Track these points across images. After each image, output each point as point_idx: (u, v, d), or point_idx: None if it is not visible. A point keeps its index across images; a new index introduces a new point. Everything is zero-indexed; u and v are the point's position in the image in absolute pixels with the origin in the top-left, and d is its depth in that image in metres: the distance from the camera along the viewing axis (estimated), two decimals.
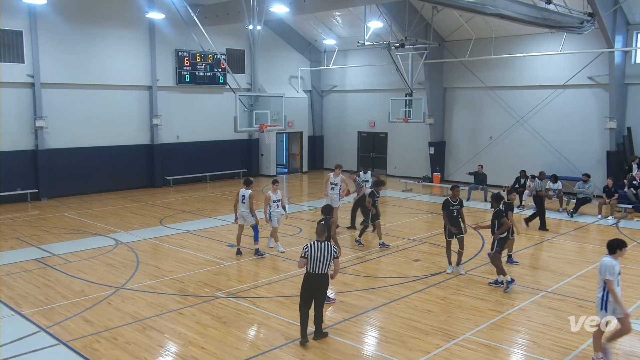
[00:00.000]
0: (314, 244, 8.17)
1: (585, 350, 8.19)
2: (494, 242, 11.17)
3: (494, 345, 8.44)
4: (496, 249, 11.11)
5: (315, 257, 8.09)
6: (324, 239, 8.23)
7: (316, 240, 8.24)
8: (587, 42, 20.59)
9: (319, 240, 8.21)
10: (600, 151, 21.49)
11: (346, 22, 26.80)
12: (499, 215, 11.07)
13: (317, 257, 8.09)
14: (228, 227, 15.92)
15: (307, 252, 8.12)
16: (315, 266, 8.11)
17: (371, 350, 8.42)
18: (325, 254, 8.10)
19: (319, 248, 8.11)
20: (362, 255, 13.56)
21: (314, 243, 8.18)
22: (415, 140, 27.19)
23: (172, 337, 8.73)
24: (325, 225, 8.42)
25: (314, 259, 8.09)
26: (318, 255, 8.08)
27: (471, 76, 24.89)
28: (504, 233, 11.11)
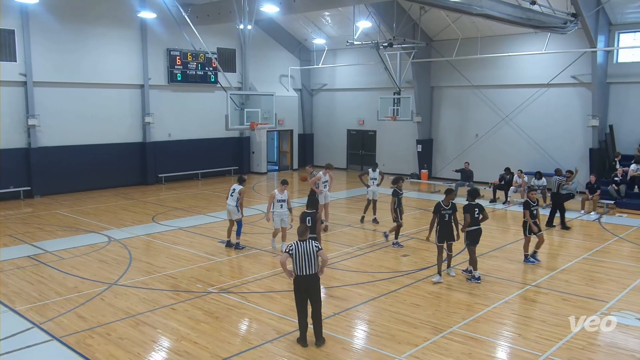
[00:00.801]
0: (297, 243, 7.98)
1: (569, 342, 8.27)
2: (465, 235, 11.35)
3: (480, 337, 8.50)
4: (467, 242, 11.33)
5: (300, 257, 7.90)
6: (306, 238, 8.05)
7: (298, 240, 8.03)
8: (570, 42, 20.73)
9: (301, 239, 8.01)
10: (583, 148, 21.66)
11: (335, 21, 26.79)
12: (468, 209, 11.19)
13: (301, 257, 7.90)
14: (220, 224, 15.88)
15: (291, 249, 7.95)
16: (302, 266, 7.91)
17: (360, 343, 8.44)
18: (308, 251, 7.90)
19: (302, 247, 7.93)
20: (352, 250, 13.59)
21: (297, 242, 8.00)
22: (403, 138, 27.25)
23: (164, 332, 8.71)
24: (305, 226, 8.23)
25: (299, 259, 7.90)
26: (302, 254, 7.89)
27: (458, 75, 24.98)
28: (473, 227, 11.20)
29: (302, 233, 8.08)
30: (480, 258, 12.69)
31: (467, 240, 11.35)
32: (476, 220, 11.21)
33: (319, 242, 9.21)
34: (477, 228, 11.31)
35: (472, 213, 11.17)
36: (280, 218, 13.11)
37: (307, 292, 8.03)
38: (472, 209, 11.20)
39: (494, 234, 15.83)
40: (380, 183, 16.63)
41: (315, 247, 7.99)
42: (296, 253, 7.91)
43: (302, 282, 7.99)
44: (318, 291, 8.15)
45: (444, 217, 11.20)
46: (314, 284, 8.05)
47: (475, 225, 11.26)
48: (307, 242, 7.98)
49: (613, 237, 15.10)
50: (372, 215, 16.60)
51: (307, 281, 7.98)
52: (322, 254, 8.06)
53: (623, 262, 12.77)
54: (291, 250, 7.94)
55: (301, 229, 8.15)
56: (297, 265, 7.93)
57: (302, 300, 8.06)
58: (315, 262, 7.96)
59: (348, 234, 15.54)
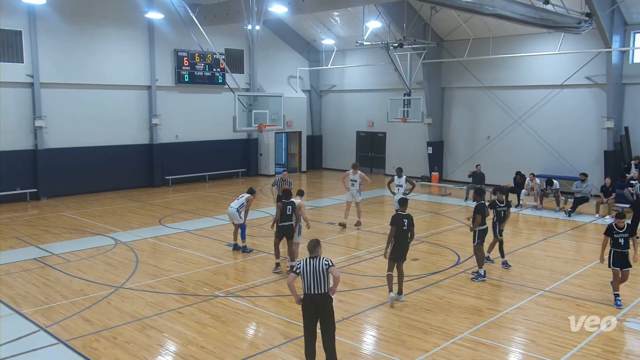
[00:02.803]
0: (306, 261, 7.28)
1: (583, 349, 8.21)
2: (474, 234, 11.51)
3: (492, 344, 8.46)
4: (477, 241, 11.45)
5: (308, 275, 7.19)
6: (317, 255, 7.32)
7: (308, 257, 7.34)
8: (584, 42, 20.62)
9: (311, 256, 7.31)
10: (598, 151, 21.51)
11: (345, 22, 26.80)
12: (479, 208, 11.42)
13: (309, 275, 7.18)
14: (227, 227, 15.90)
15: (300, 268, 7.26)
16: (310, 285, 7.19)
17: (370, 349, 8.43)
18: (318, 270, 7.16)
19: (311, 265, 7.21)
20: (361, 254, 13.57)
21: (306, 260, 7.30)
22: (413, 140, 27.19)
23: (171, 336, 8.74)
24: (316, 241, 7.50)
25: (307, 277, 7.19)
26: (310, 273, 7.18)
27: (469, 76, 24.90)
28: (483, 225, 11.45)
29: (312, 249, 7.39)
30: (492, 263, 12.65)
31: (479, 239, 11.49)
32: (483, 220, 11.52)
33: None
34: (486, 227, 11.59)
35: (482, 213, 11.39)
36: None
37: (317, 312, 7.26)
38: (483, 209, 11.46)
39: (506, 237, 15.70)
40: (409, 192, 15.89)
41: (326, 264, 7.20)
42: (304, 271, 7.22)
43: (311, 301, 7.23)
44: (330, 313, 7.33)
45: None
46: (325, 304, 7.26)
47: (484, 225, 11.51)
48: (317, 260, 7.24)
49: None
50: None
51: (316, 301, 7.21)
52: (333, 271, 7.19)
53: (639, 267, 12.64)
54: (299, 269, 7.27)
55: (311, 245, 7.45)
56: (305, 284, 7.24)
57: (310, 322, 7.30)
58: (325, 281, 7.20)
59: (358, 237, 15.52)
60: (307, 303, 7.27)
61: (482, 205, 11.53)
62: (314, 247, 7.41)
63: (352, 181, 16.50)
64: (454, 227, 16.58)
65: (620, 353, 8.16)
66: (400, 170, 16.15)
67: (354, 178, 16.50)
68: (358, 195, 16.56)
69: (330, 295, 7.27)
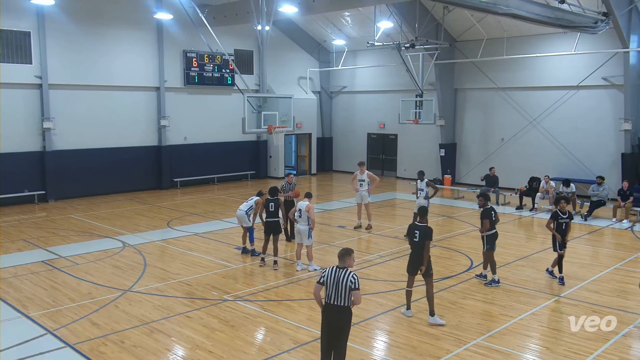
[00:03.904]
0: (331, 269, 6.99)
1: (600, 356, 8.13)
2: (483, 240, 11.43)
3: (505, 350, 8.40)
4: (487, 246, 11.37)
5: (330, 285, 6.91)
6: (345, 266, 6.99)
7: (336, 266, 7.01)
8: (601, 42, 20.48)
9: (340, 266, 6.99)
10: (615, 153, 21.34)
11: (356, 22, 26.81)
12: (485, 213, 11.32)
13: (332, 285, 6.89)
14: (236, 230, 15.93)
15: (324, 277, 6.99)
16: (331, 295, 6.91)
17: (380, 355, 8.40)
18: (341, 283, 6.83)
19: (335, 275, 6.89)
20: (373, 258, 13.54)
21: (332, 269, 7.00)
22: (425, 142, 27.13)
23: (179, 341, 8.76)
24: (346, 249, 7.18)
25: (329, 287, 6.92)
26: (333, 283, 6.88)
27: (483, 77, 24.81)
28: (492, 230, 11.31)
29: (341, 257, 7.07)
30: (506, 267, 12.60)
31: (488, 245, 11.38)
32: (493, 223, 11.37)
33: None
34: (495, 232, 11.45)
35: (490, 217, 11.29)
36: (297, 233, 12.66)
37: (331, 328, 6.97)
38: (490, 213, 11.35)
39: (520, 242, 15.67)
40: (432, 195, 15.64)
41: (351, 283, 6.82)
42: (328, 280, 6.94)
43: (330, 312, 6.95)
44: (345, 331, 6.99)
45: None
46: (342, 319, 6.93)
47: (493, 229, 11.39)
48: (344, 273, 6.90)
49: None
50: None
51: (335, 313, 6.92)
52: (355, 295, 6.86)
53: None
54: (323, 278, 7.00)
55: (341, 253, 7.12)
56: (326, 290, 6.98)
57: (325, 335, 7.04)
58: (347, 296, 6.87)
59: (369, 241, 15.50)
60: (325, 312, 7.05)
61: (488, 210, 11.38)
62: (343, 255, 7.08)
63: (360, 181, 16.42)
64: (466, 231, 16.50)
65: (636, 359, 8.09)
66: (422, 174, 15.77)
67: (362, 178, 16.42)
68: (367, 196, 16.46)
69: (349, 309, 6.95)
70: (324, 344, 7.10)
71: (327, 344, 7.06)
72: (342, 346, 7.00)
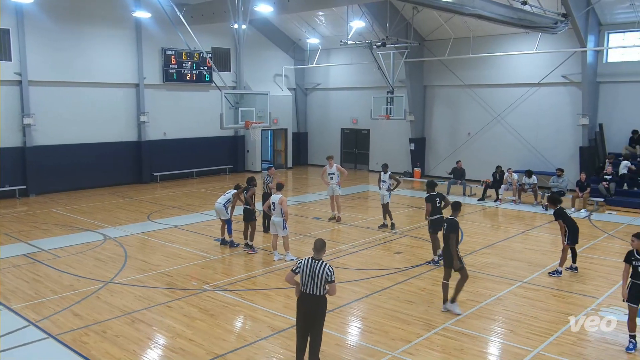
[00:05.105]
0: (307, 260, 6.98)
1: (559, 338, 8.31)
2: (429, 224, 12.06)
3: (472, 334, 8.53)
4: (430, 229, 12.01)
5: (306, 276, 6.92)
6: (320, 257, 7.01)
7: (312, 257, 7.02)
8: (561, 41, 20.82)
9: (315, 258, 6.99)
10: (574, 147, 21.75)
11: (329, 21, 26.76)
12: (429, 199, 12.00)
13: (307, 276, 6.91)
14: (215, 222, 15.81)
15: (300, 267, 6.98)
16: (307, 285, 6.93)
17: (354, 340, 8.46)
18: (317, 274, 6.85)
19: (312, 266, 6.91)
20: (345, 248, 13.59)
21: (307, 260, 6.99)
22: (396, 137, 27.28)
23: (160, 330, 8.69)
24: (323, 241, 7.19)
25: (305, 277, 6.93)
26: (309, 274, 6.89)
27: (450, 74, 25.03)
28: (436, 215, 11.88)
29: (319, 249, 7.05)
30: (472, 255, 12.77)
31: (430, 229, 11.98)
32: (438, 209, 11.98)
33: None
34: (440, 217, 11.86)
35: (433, 202, 11.95)
36: (272, 225, 12.61)
37: (307, 316, 7.01)
38: (434, 199, 12.01)
39: (485, 231, 15.89)
40: (394, 188, 15.67)
41: (327, 276, 6.86)
42: (303, 270, 6.95)
43: (306, 301, 6.98)
44: (320, 319, 7.06)
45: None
46: (317, 307, 6.99)
47: (438, 214, 11.91)
48: (320, 265, 6.90)
49: (603, 234, 15.20)
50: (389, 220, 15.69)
51: (311, 302, 6.95)
52: (332, 287, 6.95)
53: (612, 258, 12.83)
54: (299, 268, 7.00)
55: (319, 245, 7.09)
56: (302, 280, 6.99)
57: (301, 323, 7.09)
58: (322, 285, 6.91)
59: (343, 231, 15.55)
60: (301, 301, 7.07)
61: (432, 196, 12.06)
62: (320, 248, 7.07)
63: (330, 174, 16.51)
64: None
65: (594, 341, 8.28)
66: (386, 167, 15.84)
67: (332, 171, 16.52)
68: (338, 189, 16.54)
69: (324, 297, 7.00)
70: (300, 331, 7.17)
71: (304, 331, 7.13)
72: (318, 333, 7.10)
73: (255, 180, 13.73)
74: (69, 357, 7.78)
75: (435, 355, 7.80)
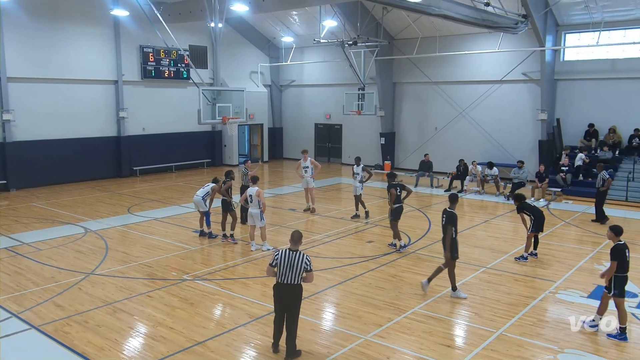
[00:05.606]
0: (284, 252, 7.03)
1: (520, 319, 8.49)
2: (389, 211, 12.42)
3: (440, 317, 8.65)
4: (391, 217, 12.33)
5: (284, 266, 6.97)
6: (297, 249, 7.11)
7: (289, 248, 7.10)
8: (521, 41, 21.12)
9: (292, 249, 7.07)
10: (533, 140, 22.15)
11: (303, 20, 26.64)
12: (389, 187, 12.38)
13: (285, 267, 6.96)
14: (193, 214, 15.68)
15: (277, 259, 7.04)
16: (284, 275, 6.99)
17: (329, 325, 8.50)
18: (295, 264, 6.94)
19: (289, 257, 6.97)
20: (320, 238, 13.62)
21: (285, 251, 7.04)
22: (367, 131, 27.38)
23: (141, 319, 8.59)
24: (300, 233, 7.22)
25: (282, 268, 6.99)
26: (287, 265, 6.96)
27: (418, 72, 25.19)
28: (397, 204, 12.25)
29: (296, 241, 7.14)
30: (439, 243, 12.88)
31: (391, 216, 12.28)
32: (398, 197, 12.27)
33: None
34: (399, 205, 12.28)
35: (395, 190, 12.25)
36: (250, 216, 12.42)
37: (284, 304, 7.11)
38: (395, 188, 12.28)
39: None
40: (366, 180, 15.77)
41: (306, 265, 6.99)
42: (281, 262, 7.01)
43: (282, 291, 7.07)
44: (297, 306, 7.14)
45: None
46: (295, 296, 7.08)
47: (398, 203, 12.24)
48: (297, 255, 7.00)
49: (560, 221, 15.54)
50: (363, 210, 15.84)
51: (287, 290, 7.03)
52: (310, 275, 7.10)
53: (569, 244, 13.16)
54: (276, 260, 7.06)
55: (297, 236, 7.20)
56: (279, 272, 7.05)
57: (278, 308, 7.21)
58: (299, 275, 7.02)
59: (317, 222, 15.57)
60: (277, 290, 7.14)
61: (391, 185, 12.37)
62: (297, 239, 7.16)
63: (304, 168, 16.51)
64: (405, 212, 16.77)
65: (552, 322, 8.49)
66: (359, 160, 15.95)
67: (306, 165, 16.52)
68: (312, 181, 16.58)
69: (300, 285, 7.09)
70: (277, 318, 7.25)
71: (281, 318, 7.21)
72: (294, 319, 7.18)
73: (233, 173, 13.65)
74: (52, 347, 7.64)
75: (405, 337, 7.89)
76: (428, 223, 15.16)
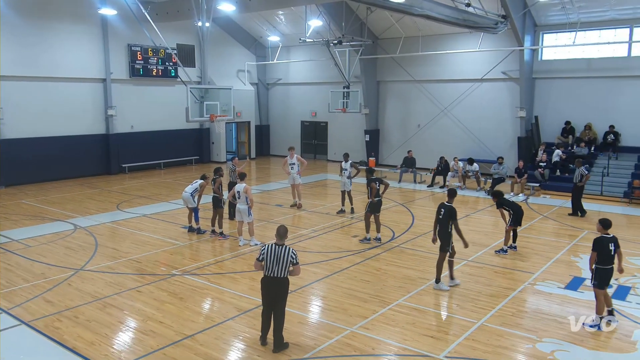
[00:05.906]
0: (271, 246, 7.02)
1: (501, 310, 8.58)
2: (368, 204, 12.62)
3: (423, 309, 8.71)
4: (367, 210, 12.60)
5: (271, 260, 6.97)
6: (283, 243, 7.09)
7: (275, 242, 7.08)
8: (501, 41, 21.28)
9: (278, 243, 7.05)
10: (512, 137, 22.35)
11: (289, 20, 26.54)
12: (369, 182, 12.55)
13: (272, 260, 6.96)
14: (182, 210, 15.58)
15: (264, 253, 7.02)
16: (271, 269, 6.98)
17: (316, 317, 8.51)
18: (282, 258, 6.94)
19: (275, 251, 6.97)
20: (306, 233, 13.62)
21: (271, 245, 7.03)
22: (352, 129, 27.39)
23: (131, 314, 8.53)
24: (285, 228, 7.21)
25: (269, 261, 6.98)
26: (273, 259, 6.95)
27: (401, 71, 25.25)
28: (375, 199, 12.42)
29: (282, 235, 7.13)
30: (423, 237, 12.99)
31: (368, 209, 12.55)
32: (377, 192, 12.43)
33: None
34: (378, 199, 12.53)
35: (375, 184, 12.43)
36: (238, 212, 12.35)
37: (271, 297, 7.13)
38: (375, 182, 12.44)
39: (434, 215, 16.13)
40: (354, 175, 15.72)
41: (292, 258, 6.99)
42: (267, 256, 7.00)
43: (269, 284, 7.07)
44: (284, 299, 7.16)
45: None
46: (282, 289, 7.09)
47: (377, 197, 12.46)
48: (284, 250, 6.99)
49: (538, 215, 15.72)
50: (349, 205, 15.84)
51: (274, 284, 7.04)
52: (297, 268, 7.11)
53: (546, 237, 13.32)
54: (263, 255, 7.05)
55: (282, 231, 7.17)
56: (266, 265, 7.04)
57: (266, 301, 7.22)
58: (286, 268, 7.01)
59: (304, 217, 15.56)
60: (265, 283, 7.16)
61: (373, 179, 12.52)
62: (283, 234, 7.14)
63: (290, 165, 16.48)
64: (389, 207, 16.85)
65: (530, 312, 8.59)
66: (347, 156, 16.11)
67: (292, 161, 16.50)
68: (298, 178, 16.56)
69: (287, 279, 7.09)
70: (265, 311, 7.25)
71: (268, 311, 7.22)
72: (281, 312, 7.20)
73: (222, 170, 13.58)
74: (42, 342, 7.56)
75: (389, 329, 7.93)
76: (411, 217, 15.23)
